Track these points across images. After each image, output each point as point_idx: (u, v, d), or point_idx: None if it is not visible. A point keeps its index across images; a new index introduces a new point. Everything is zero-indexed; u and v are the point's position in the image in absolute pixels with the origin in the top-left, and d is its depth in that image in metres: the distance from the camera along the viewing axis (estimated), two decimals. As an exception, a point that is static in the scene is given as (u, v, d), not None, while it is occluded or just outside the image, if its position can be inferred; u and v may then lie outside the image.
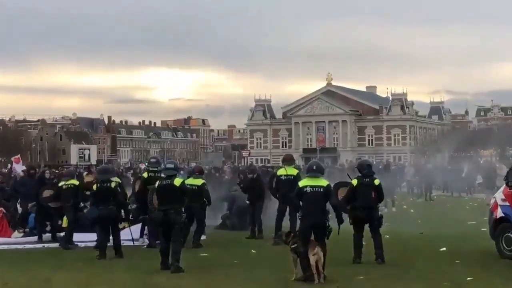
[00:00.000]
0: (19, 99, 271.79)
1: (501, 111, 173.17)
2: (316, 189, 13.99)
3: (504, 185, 17.14)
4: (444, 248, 18.38)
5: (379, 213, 16.55)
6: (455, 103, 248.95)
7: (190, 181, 20.37)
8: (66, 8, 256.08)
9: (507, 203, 16.77)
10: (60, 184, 20.96)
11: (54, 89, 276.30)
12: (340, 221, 14.58)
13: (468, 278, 13.82)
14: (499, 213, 17.06)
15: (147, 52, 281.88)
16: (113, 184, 18.36)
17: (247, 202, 22.84)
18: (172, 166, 16.45)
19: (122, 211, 18.77)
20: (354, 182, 16.44)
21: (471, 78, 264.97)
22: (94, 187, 18.66)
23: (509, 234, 16.66)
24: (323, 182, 14.20)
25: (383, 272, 14.66)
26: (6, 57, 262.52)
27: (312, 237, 13.80)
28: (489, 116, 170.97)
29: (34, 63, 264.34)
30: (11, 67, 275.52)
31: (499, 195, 17.31)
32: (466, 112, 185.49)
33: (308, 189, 14.01)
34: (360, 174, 16.48)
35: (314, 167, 14.46)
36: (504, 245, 16.78)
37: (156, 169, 20.22)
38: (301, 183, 14.38)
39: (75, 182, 20.74)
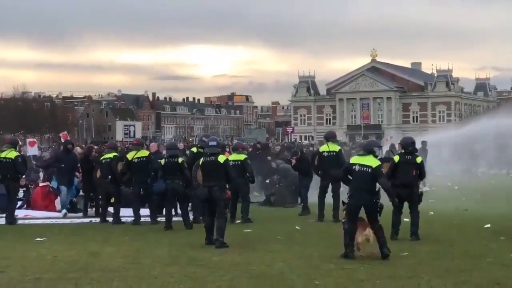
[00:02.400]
0: (66, 77, 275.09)
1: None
2: (364, 168, 13.68)
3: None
4: (489, 225, 18.33)
5: (420, 190, 16.53)
6: (502, 79, 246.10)
7: (233, 156, 20.65)
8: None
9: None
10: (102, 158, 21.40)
11: (99, 66, 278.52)
12: (392, 201, 14.58)
13: (512, 255, 13.82)
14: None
15: (191, 29, 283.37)
16: (180, 160, 19.41)
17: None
18: (215, 143, 16.63)
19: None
20: (396, 158, 16.48)
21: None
22: (162, 161, 19.44)
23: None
24: (373, 162, 13.80)
25: (427, 249, 14.67)
26: (51, 35, 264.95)
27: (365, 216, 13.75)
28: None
29: (79, 40, 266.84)
30: (56, 46, 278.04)
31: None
32: (511, 89, 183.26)
33: (357, 167, 13.76)
34: (403, 151, 16.48)
35: (365, 145, 14.35)
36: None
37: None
38: (352, 159, 14.19)
39: (114, 153, 21.14)
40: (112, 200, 20.75)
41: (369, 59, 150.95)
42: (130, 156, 20.48)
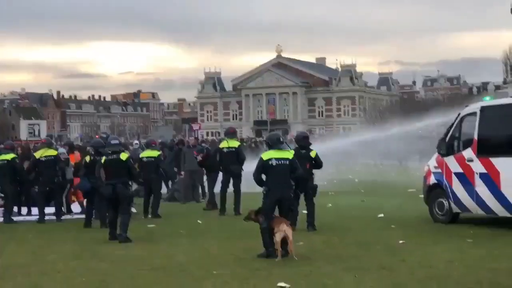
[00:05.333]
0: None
1: (447, 81, 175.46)
2: (282, 161, 13.50)
3: (436, 153, 18.03)
4: (382, 215, 19.28)
5: (314, 183, 17.24)
6: (404, 74, 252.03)
7: (147, 153, 21.20)
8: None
9: (439, 170, 17.70)
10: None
11: (2, 64, 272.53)
12: (303, 190, 15.05)
13: (400, 241, 14.64)
14: (431, 179, 18.01)
15: (95, 26, 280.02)
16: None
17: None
18: (117, 141, 17.08)
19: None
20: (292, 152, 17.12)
21: (419, 49, 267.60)
22: (87, 158, 19.27)
23: (441, 199, 17.58)
24: (288, 154, 13.73)
25: (321, 239, 15.38)
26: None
27: (276, 213, 13.67)
28: (435, 86, 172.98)
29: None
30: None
31: (432, 163, 18.20)
32: (413, 83, 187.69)
33: (274, 162, 13.44)
34: (297, 146, 17.15)
35: (281, 139, 14.04)
36: (437, 210, 17.73)
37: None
38: (264, 156, 13.64)
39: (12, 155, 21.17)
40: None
41: (274, 55, 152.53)
42: (37, 154, 20.65)
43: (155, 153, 21.30)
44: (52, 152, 20.75)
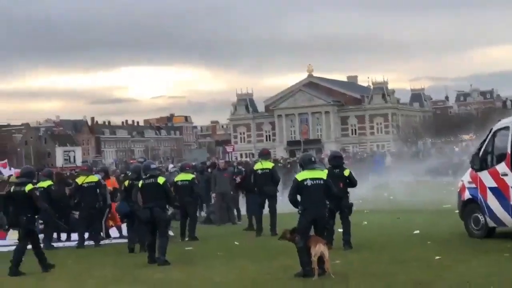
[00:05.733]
0: (1, 104, 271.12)
1: (480, 95, 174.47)
2: (317, 181, 13.69)
3: (470, 168, 18.06)
4: (418, 231, 19.31)
5: (350, 201, 17.36)
6: (436, 89, 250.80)
7: (182, 177, 21.40)
8: (43, 11, 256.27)
9: (473, 185, 17.71)
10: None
11: (35, 93, 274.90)
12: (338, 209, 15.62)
13: (437, 257, 14.69)
14: (466, 195, 18.01)
15: (125, 51, 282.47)
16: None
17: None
18: (154, 166, 17.39)
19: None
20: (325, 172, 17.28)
21: (450, 64, 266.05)
22: (127, 183, 19.56)
23: (477, 214, 17.58)
24: (322, 174, 13.99)
25: (357, 257, 15.49)
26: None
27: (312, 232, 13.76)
28: (468, 101, 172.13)
29: (12, 67, 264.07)
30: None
31: (466, 178, 18.22)
32: (446, 98, 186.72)
33: (309, 182, 13.63)
34: (330, 166, 17.30)
35: (312, 159, 14.32)
36: (473, 225, 17.72)
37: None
38: (299, 177, 13.84)
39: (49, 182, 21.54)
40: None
41: (305, 74, 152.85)
42: (79, 181, 21.09)
43: (189, 177, 21.51)
44: (93, 178, 21.17)
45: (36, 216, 16.25)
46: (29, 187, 15.88)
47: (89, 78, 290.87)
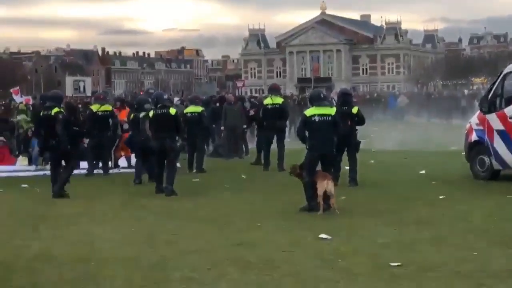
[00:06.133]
0: (12, 31, 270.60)
1: (494, 38, 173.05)
2: (325, 117, 13.70)
3: (478, 110, 18.16)
4: (424, 171, 19.48)
5: (357, 139, 17.50)
6: (450, 31, 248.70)
7: (190, 109, 21.50)
8: None
9: (481, 127, 17.81)
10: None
11: (47, 21, 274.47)
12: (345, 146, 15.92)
13: (441, 197, 14.90)
14: (473, 137, 18.13)
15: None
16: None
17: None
18: (166, 96, 17.45)
19: None
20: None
21: (466, 6, 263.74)
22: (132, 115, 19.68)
23: (483, 156, 17.71)
24: (331, 110, 13.95)
25: (362, 194, 15.71)
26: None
27: (319, 168, 13.87)
28: (481, 44, 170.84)
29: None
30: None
31: (474, 120, 18.33)
32: (460, 40, 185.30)
33: (317, 118, 13.66)
34: (339, 102, 17.41)
35: (322, 96, 14.34)
36: (478, 166, 17.88)
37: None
38: (307, 112, 13.89)
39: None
40: None
41: (318, 12, 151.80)
42: (94, 108, 21.19)
43: (198, 109, 21.59)
44: (107, 107, 21.25)
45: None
46: (55, 110, 16.39)
47: (101, 8, 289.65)
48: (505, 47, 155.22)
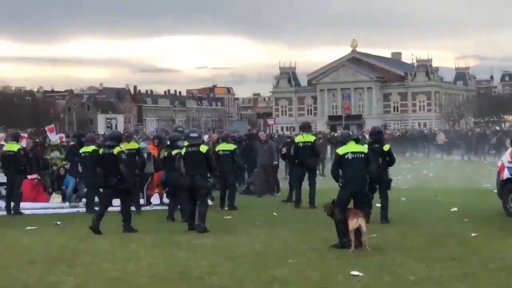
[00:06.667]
0: (46, 70, 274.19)
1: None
2: (358, 155, 13.95)
3: (511, 148, 18.16)
4: (456, 209, 19.44)
5: (389, 177, 17.56)
6: (482, 68, 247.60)
7: (222, 146, 21.72)
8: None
9: (513, 165, 17.81)
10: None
11: (80, 60, 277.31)
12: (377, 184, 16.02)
13: (473, 234, 14.87)
14: (505, 174, 18.12)
15: (169, 19, 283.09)
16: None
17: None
18: (196, 134, 17.65)
19: None
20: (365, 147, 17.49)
21: (498, 43, 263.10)
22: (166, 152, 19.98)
23: (516, 193, 17.69)
24: (363, 148, 14.31)
25: (394, 231, 15.69)
26: (31, 28, 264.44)
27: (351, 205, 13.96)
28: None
29: (58, 33, 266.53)
30: (36, 39, 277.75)
31: (506, 158, 18.32)
32: (491, 77, 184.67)
33: (350, 156, 13.89)
34: (371, 140, 17.53)
35: (351, 133, 14.84)
36: (510, 204, 17.84)
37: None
38: (340, 150, 14.09)
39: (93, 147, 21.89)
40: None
41: (349, 49, 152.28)
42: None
43: (230, 147, 21.80)
44: (133, 145, 21.41)
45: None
46: (117, 149, 16.99)
47: (133, 46, 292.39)
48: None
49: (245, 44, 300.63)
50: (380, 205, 17.35)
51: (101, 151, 17.69)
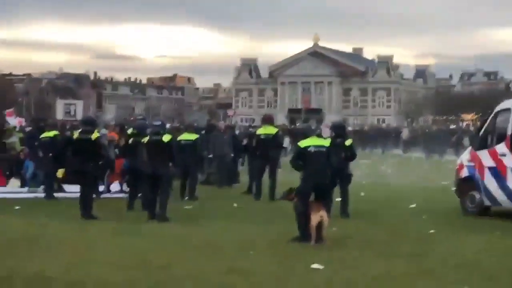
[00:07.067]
0: (4, 53, 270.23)
1: (485, 75, 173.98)
2: (320, 148, 13.95)
3: (470, 147, 18.38)
4: (414, 205, 19.65)
5: (349, 172, 17.69)
6: (442, 67, 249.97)
7: (185, 136, 21.65)
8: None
9: (472, 164, 18.03)
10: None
11: (39, 43, 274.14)
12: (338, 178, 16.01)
13: (431, 231, 15.05)
14: (464, 173, 18.35)
15: (132, 7, 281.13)
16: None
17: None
18: (159, 123, 17.63)
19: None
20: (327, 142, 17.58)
21: (458, 43, 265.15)
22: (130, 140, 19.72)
23: (473, 192, 17.91)
24: (326, 142, 14.33)
25: (354, 226, 15.81)
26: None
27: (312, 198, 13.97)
28: (472, 81, 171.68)
29: (17, 17, 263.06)
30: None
31: (465, 156, 18.55)
32: (450, 76, 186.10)
33: (312, 149, 13.85)
34: (332, 135, 17.62)
35: (309, 130, 14.89)
36: (468, 202, 18.07)
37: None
38: (302, 143, 14.03)
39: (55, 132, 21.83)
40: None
41: (311, 43, 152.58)
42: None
43: (193, 136, 21.77)
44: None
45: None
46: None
47: (94, 32, 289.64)
48: (495, 85, 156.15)
49: (207, 35, 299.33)
50: (340, 199, 17.45)
51: (75, 136, 17.55)
